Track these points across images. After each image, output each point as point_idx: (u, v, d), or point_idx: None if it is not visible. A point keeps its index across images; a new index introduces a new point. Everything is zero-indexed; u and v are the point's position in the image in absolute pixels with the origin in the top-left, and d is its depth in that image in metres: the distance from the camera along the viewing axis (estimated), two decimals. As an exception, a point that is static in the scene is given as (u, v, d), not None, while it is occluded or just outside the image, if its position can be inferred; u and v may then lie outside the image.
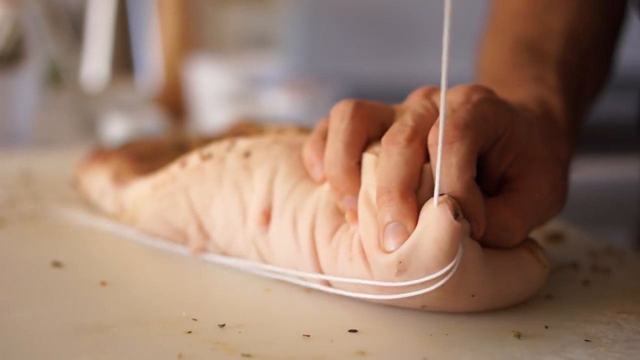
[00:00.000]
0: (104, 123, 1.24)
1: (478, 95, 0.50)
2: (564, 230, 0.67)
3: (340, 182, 0.51)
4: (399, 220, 0.46)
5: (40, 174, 0.84)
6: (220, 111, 1.63)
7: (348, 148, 0.51)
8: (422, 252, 0.46)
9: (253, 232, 0.55)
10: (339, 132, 0.51)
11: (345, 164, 0.51)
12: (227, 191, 0.56)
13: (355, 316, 0.49)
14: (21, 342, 0.45)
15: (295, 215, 0.52)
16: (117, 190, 0.66)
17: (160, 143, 0.77)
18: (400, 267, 0.46)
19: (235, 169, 0.56)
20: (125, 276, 0.57)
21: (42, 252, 0.61)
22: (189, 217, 0.58)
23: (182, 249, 0.60)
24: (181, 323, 0.48)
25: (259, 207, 0.54)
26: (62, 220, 0.68)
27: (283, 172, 0.54)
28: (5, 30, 1.04)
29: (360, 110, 0.52)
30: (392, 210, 0.47)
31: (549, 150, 0.53)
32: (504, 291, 0.49)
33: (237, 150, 0.57)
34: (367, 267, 0.48)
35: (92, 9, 2.20)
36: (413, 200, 0.47)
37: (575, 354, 0.44)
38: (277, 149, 0.56)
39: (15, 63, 1.05)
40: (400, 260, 0.46)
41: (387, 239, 0.47)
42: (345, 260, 0.49)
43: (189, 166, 0.59)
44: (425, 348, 0.45)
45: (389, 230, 0.47)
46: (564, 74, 0.65)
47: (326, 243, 0.51)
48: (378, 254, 0.47)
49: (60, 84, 1.56)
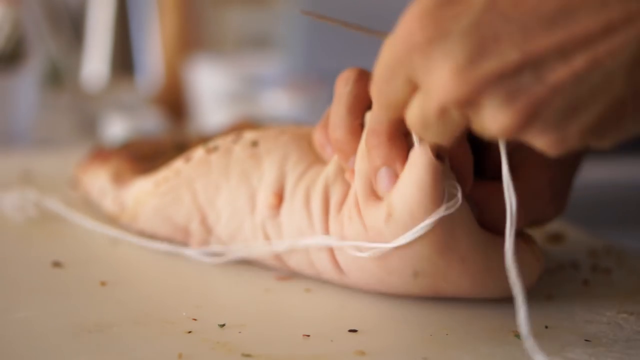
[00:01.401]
0: (104, 123, 1.24)
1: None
2: (564, 230, 0.67)
3: (345, 143, 0.51)
4: (389, 164, 0.47)
5: (40, 174, 0.84)
6: (220, 111, 1.63)
7: (351, 109, 0.51)
8: (406, 195, 0.46)
9: (262, 216, 0.55)
10: (342, 96, 0.52)
11: (348, 124, 0.51)
12: (234, 180, 0.56)
13: (355, 316, 0.49)
14: (21, 342, 0.45)
15: (308, 193, 0.53)
16: (117, 190, 0.66)
17: (160, 143, 0.77)
18: (388, 211, 0.46)
19: (243, 158, 0.56)
20: (125, 276, 0.57)
21: (42, 252, 0.61)
22: (192, 211, 0.58)
23: (182, 249, 0.60)
24: (181, 323, 0.48)
25: (270, 189, 0.54)
26: (62, 220, 0.68)
27: (294, 158, 0.55)
28: (5, 30, 1.04)
29: (363, 75, 0.52)
30: (382, 154, 0.47)
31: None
32: (496, 269, 0.48)
33: (244, 141, 0.57)
34: (362, 222, 0.48)
35: (92, 9, 2.20)
36: (402, 142, 0.47)
37: (575, 354, 0.44)
38: (285, 138, 0.56)
39: (15, 63, 1.05)
40: (388, 204, 0.46)
41: (379, 183, 0.48)
42: (347, 222, 0.50)
43: (194, 160, 0.59)
44: (425, 348, 0.45)
45: (380, 176, 0.47)
46: None
47: (337, 213, 0.51)
48: (369, 202, 0.48)
49: (60, 84, 1.56)
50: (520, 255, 0.49)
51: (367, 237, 0.48)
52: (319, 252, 0.52)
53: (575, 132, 0.39)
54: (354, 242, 0.49)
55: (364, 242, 0.48)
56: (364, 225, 0.48)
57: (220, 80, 1.74)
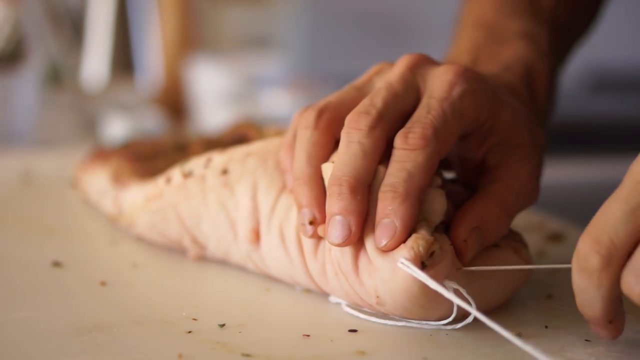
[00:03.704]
0: (104, 123, 1.24)
1: (461, 88, 0.49)
2: (564, 230, 0.67)
3: (299, 193, 0.50)
4: (344, 215, 0.46)
5: (40, 174, 0.84)
6: (220, 111, 1.63)
7: (311, 159, 0.50)
8: (395, 297, 0.46)
9: (246, 248, 0.55)
10: (303, 142, 0.51)
11: (306, 175, 0.50)
12: (213, 209, 0.56)
13: (355, 316, 0.49)
14: (21, 342, 0.45)
15: (282, 230, 0.52)
16: (117, 191, 0.66)
17: (160, 143, 0.77)
18: (379, 301, 0.47)
19: (217, 186, 0.56)
20: (125, 276, 0.57)
21: (42, 252, 0.61)
22: (182, 231, 0.58)
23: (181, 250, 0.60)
24: (181, 323, 0.48)
25: (247, 225, 0.54)
26: (62, 220, 0.68)
27: (262, 185, 0.54)
28: (5, 30, 1.04)
29: (322, 118, 0.50)
30: (340, 204, 0.46)
31: (531, 136, 0.53)
32: (487, 295, 0.49)
33: (215, 167, 0.56)
34: (352, 288, 0.48)
35: (92, 9, 2.20)
36: (363, 197, 0.47)
37: (575, 354, 0.44)
38: (252, 161, 0.55)
39: (15, 63, 1.05)
40: (377, 295, 0.47)
41: (330, 230, 0.47)
42: (332, 275, 0.50)
43: (172, 183, 0.58)
44: (425, 348, 0.45)
45: (333, 222, 0.47)
46: (555, 29, 0.64)
47: (313, 257, 0.51)
48: (356, 278, 0.47)
49: (60, 84, 1.56)
50: (511, 270, 0.50)
51: (360, 299, 0.49)
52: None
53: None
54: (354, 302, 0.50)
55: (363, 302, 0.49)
56: (357, 292, 0.48)
57: (220, 80, 1.74)
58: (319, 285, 0.51)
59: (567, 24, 0.67)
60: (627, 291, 0.41)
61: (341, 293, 0.50)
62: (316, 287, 0.52)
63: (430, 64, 0.51)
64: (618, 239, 0.41)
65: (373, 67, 0.53)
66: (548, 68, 0.61)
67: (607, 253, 0.41)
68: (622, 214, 0.41)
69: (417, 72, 0.51)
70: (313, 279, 0.51)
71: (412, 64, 0.51)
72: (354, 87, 0.52)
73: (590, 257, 0.41)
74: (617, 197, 0.42)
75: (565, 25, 0.66)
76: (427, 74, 0.51)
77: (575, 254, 0.42)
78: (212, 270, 0.57)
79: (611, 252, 0.41)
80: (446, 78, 0.49)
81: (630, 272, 0.41)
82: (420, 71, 0.51)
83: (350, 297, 0.49)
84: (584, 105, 1.67)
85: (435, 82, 0.50)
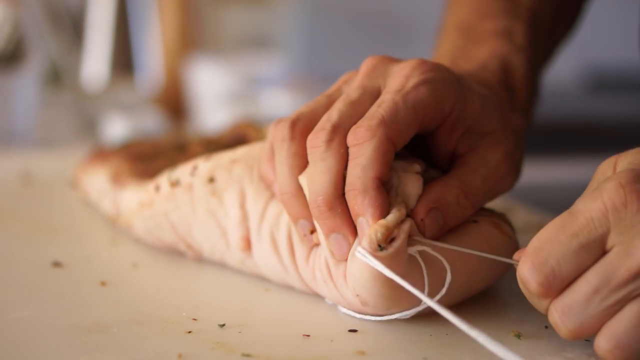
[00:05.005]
0: (104, 123, 1.24)
1: (416, 79, 0.50)
2: (563, 230, 0.67)
3: (289, 207, 0.51)
4: (337, 231, 0.47)
5: (40, 174, 0.84)
6: (220, 111, 1.63)
7: (293, 171, 0.50)
8: (368, 289, 0.46)
9: (239, 255, 0.55)
10: (282, 154, 0.51)
11: (292, 189, 0.50)
12: (202, 218, 0.56)
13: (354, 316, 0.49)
14: (21, 342, 0.45)
15: (273, 237, 0.53)
16: (116, 191, 0.66)
17: (160, 143, 0.77)
18: (362, 300, 0.47)
19: (204, 195, 0.56)
20: (125, 276, 0.57)
21: (42, 252, 0.61)
22: (176, 238, 0.58)
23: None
24: (181, 323, 0.48)
25: (237, 234, 0.54)
26: (62, 220, 0.68)
27: (250, 194, 0.54)
28: (5, 30, 1.04)
29: (296, 128, 0.51)
30: (327, 224, 0.48)
31: (502, 123, 0.54)
32: (472, 272, 0.49)
33: (201, 176, 0.57)
34: (340, 293, 0.49)
35: (92, 9, 2.20)
36: (343, 207, 0.48)
37: (575, 354, 0.44)
38: (238, 169, 0.55)
39: (15, 63, 1.05)
40: (357, 294, 0.47)
41: (333, 250, 0.48)
42: (321, 283, 0.50)
43: (161, 192, 0.58)
44: (425, 348, 0.45)
45: (332, 242, 0.48)
46: (534, 24, 0.65)
47: (305, 264, 0.51)
48: (342, 284, 0.48)
49: (60, 84, 1.56)
50: (491, 242, 0.50)
51: (349, 304, 0.49)
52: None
53: None
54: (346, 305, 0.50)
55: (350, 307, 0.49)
56: (344, 297, 0.49)
57: (220, 80, 1.74)
58: (313, 289, 0.52)
59: (548, 19, 0.68)
60: (551, 321, 0.42)
61: (332, 299, 0.50)
62: (311, 292, 0.52)
63: (391, 62, 0.52)
64: (560, 272, 0.41)
65: (342, 76, 0.54)
66: (525, 60, 0.62)
67: (546, 283, 0.42)
68: (569, 249, 0.41)
69: (377, 74, 0.52)
70: (307, 284, 0.52)
71: (369, 69, 0.52)
72: (325, 96, 0.53)
73: (528, 284, 0.42)
74: (569, 227, 0.41)
75: (545, 20, 0.67)
76: (388, 73, 0.52)
77: (517, 272, 0.43)
78: (212, 270, 0.57)
79: (550, 283, 0.41)
80: (403, 73, 0.50)
81: (557, 305, 0.42)
82: (380, 72, 0.52)
83: (341, 303, 0.50)
84: (583, 105, 1.67)
85: (394, 79, 0.51)
